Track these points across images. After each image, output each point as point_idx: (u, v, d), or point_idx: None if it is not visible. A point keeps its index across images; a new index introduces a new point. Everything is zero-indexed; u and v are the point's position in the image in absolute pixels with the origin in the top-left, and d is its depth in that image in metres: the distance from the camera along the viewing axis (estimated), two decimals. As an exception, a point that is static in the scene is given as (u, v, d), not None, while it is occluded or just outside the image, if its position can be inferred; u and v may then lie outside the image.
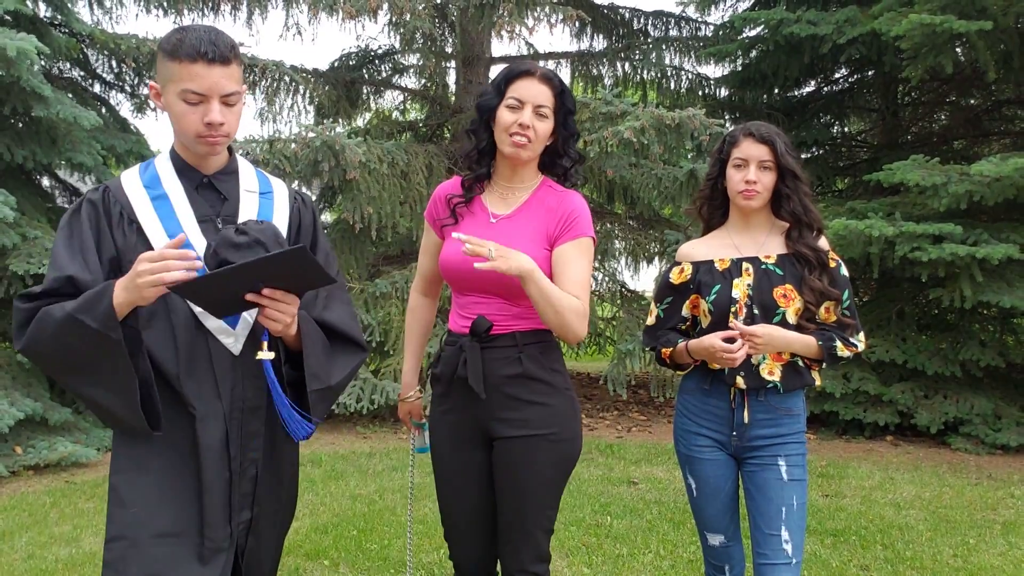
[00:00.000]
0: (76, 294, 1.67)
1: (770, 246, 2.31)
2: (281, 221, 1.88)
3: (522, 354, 2.06)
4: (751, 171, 2.23)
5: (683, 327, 2.39)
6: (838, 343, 2.24)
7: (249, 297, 1.63)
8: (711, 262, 2.32)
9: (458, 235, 1.94)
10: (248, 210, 1.84)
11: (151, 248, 1.71)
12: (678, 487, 5.00)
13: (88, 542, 3.95)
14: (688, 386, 2.36)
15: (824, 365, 2.30)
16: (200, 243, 1.75)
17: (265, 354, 1.70)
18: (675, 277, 2.37)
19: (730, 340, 2.15)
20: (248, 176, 1.89)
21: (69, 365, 1.69)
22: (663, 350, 2.35)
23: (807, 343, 2.22)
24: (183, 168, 1.81)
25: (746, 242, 2.33)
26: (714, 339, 2.16)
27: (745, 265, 2.28)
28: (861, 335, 2.31)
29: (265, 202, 1.88)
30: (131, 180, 1.80)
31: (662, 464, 5.66)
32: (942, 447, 6.35)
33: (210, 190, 1.82)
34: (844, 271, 2.31)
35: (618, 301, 8.41)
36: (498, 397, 2.06)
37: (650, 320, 2.44)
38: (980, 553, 3.88)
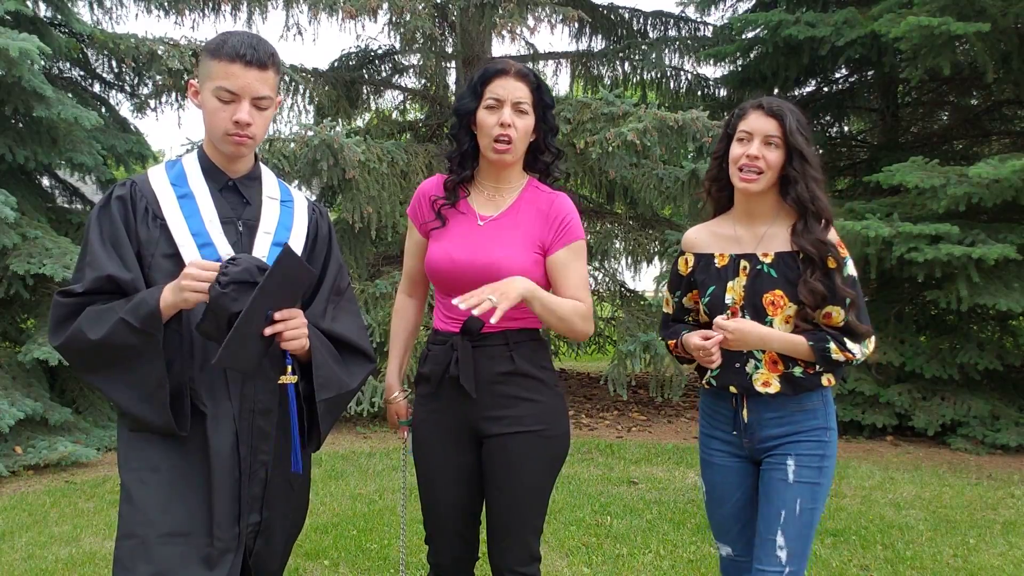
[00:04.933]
0: (117, 292, 1.69)
1: (771, 240, 2.10)
2: (300, 230, 1.92)
3: (513, 352, 2.06)
4: (754, 145, 2.03)
5: (689, 319, 2.29)
6: (832, 345, 2.02)
7: (267, 331, 1.66)
8: (711, 257, 2.16)
9: (456, 301, 1.90)
10: (269, 216, 1.87)
11: (173, 244, 1.75)
12: (678, 487, 5.01)
13: (88, 542, 3.95)
14: (704, 389, 2.26)
15: (820, 368, 2.08)
16: (222, 243, 1.78)
17: (288, 378, 1.74)
18: (682, 267, 2.25)
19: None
20: (271, 183, 1.93)
21: (105, 363, 1.70)
22: (669, 342, 2.25)
23: (792, 343, 2.03)
24: (210, 169, 1.85)
25: (747, 233, 2.13)
26: (693, 336, 2.07)
27: (743, 263, 2.11)
28: (869, 341, 2.08)
29: (285, 210, 1.91)
30: (158, 176, 1.83)
31: (662, 464, 5.66)
32: (942, 447, 6.35)
33: (234, 193, 1.86)
34: (851, 269, 2.09)
35: (618, 301, 8.41)
36: (489, 395, 2.06)
37: (665, 308, 2.34)
38: (980, 553, 3.88)
